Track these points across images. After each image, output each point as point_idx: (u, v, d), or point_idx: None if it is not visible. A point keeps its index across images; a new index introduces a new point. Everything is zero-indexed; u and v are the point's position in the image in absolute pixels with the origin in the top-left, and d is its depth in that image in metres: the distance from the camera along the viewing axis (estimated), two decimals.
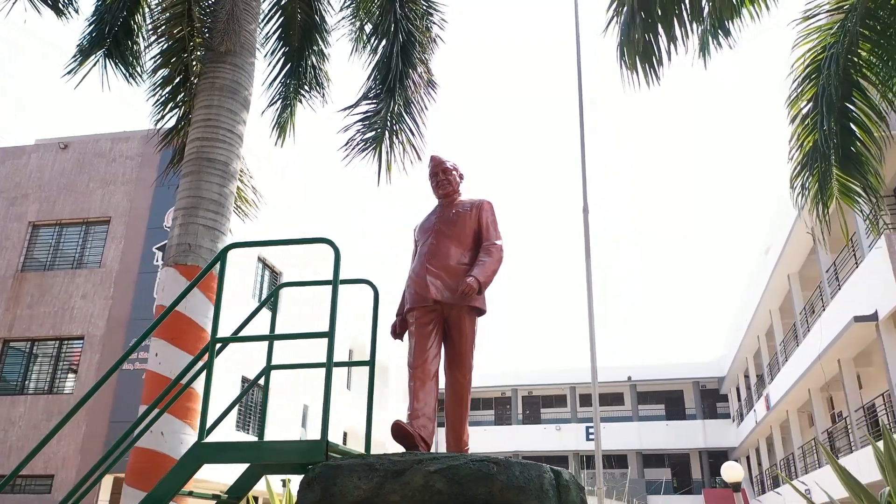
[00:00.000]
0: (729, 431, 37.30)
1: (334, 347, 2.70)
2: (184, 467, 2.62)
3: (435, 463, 2.25)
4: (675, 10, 5.44)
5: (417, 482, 2.20)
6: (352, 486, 2.25)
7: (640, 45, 5.43)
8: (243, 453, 2.66)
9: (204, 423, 2.74)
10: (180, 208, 5.84)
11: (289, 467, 2.75)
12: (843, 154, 6.71)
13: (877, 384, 17.95)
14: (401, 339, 3.84)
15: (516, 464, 2.31)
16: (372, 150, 7.71)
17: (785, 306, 23.53)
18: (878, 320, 13.86)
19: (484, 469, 2.23)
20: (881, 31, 6.65)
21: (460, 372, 3.60)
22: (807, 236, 18.26)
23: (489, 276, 3.61)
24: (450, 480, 2.19)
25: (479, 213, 3.80)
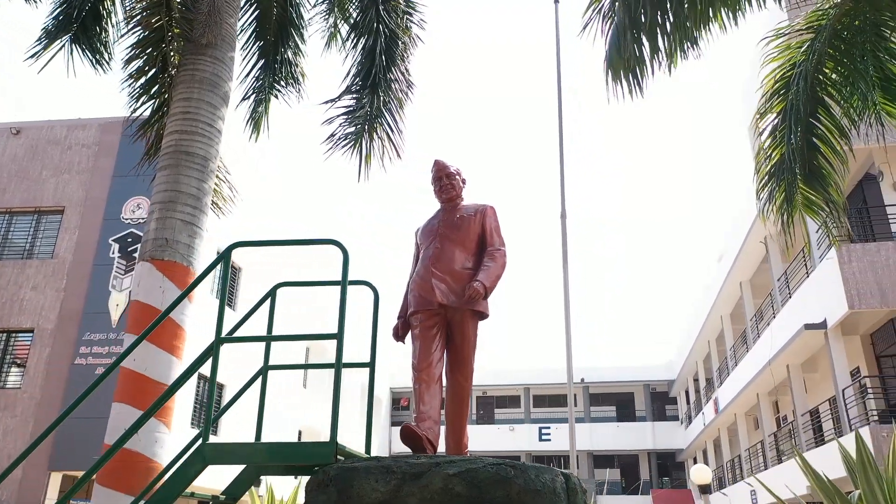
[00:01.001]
0: (677, 433, 38.17)
1: (343, 349, 2.70)
2: (189, 468, 2.59)
3: (453, 466, 2.28)
4: (660, 24, 5.58)
5: (436, 485, 2.22)
6: (369, 488, 2.26)
7: (627, 60, 5.55)
8: (250, 454, 2.64)
9: (209, 425, 2.70)
10: (157, 202, 5.73)
11: (294, 469, 2.74)
12: (807, 168, 6.96)
13: (820, 390, 18.62)
14: (402, 341, 3.86)
15: (531, 467, 2.36)
16: (352, 146, 7.70)
17: (736, 313, 24.22)
18: (826, 328, 14.40)
19: (502, 472, 2.27)
20: (845, 51, 6.92)
21: (462, 375, 3.65)
22: (759, 245, 18.88)
23: (494, 282, 3.65)
24: (469, 483, 2.23)
25: (483, 218, 3.84)
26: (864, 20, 6.83)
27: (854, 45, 6.86)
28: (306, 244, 3.07)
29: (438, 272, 3.69)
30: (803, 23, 6.93)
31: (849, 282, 13.17)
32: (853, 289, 13.13)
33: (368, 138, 7.85)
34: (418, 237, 3.98)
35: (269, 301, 3.52)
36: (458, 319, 3.68)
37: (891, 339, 15.73)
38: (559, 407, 41.91)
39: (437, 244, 3.78)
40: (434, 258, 3.75)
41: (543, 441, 39.17)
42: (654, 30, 5.58)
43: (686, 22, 5.74)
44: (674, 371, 38.10)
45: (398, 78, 7.98)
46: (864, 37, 6.89)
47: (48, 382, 15.07)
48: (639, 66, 5.67)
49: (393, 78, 7.90)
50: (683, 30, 5.88)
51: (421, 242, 3.93)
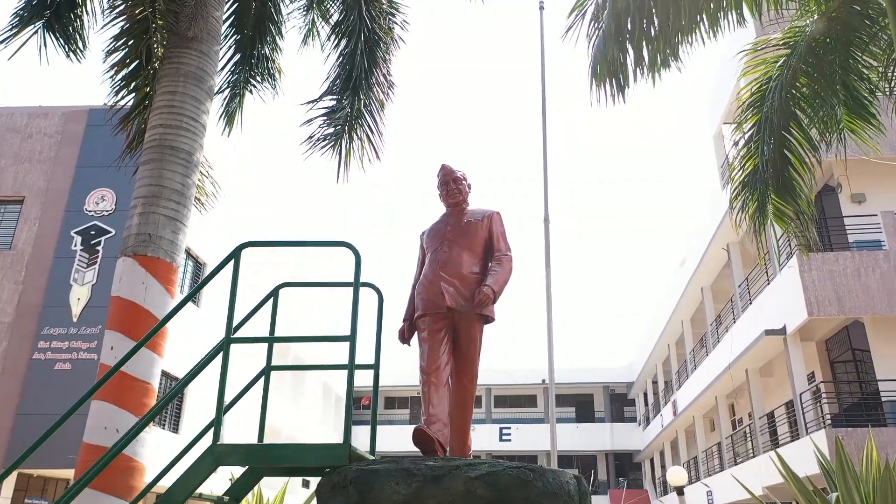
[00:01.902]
0: (634, 435, 38.82)
1: (356, 351, 2.71)
2: (199, 468, 2.57)
3: (474, 469, 2.32)
4: (645, 34, 5.70)
5: (458, 488, 2.26)
6: (390, 490, 2.28)
7: (611, 67, 5.66)
8: (261, 455, 2.63)
9: (219, 425, 2.69)
10: (140, 196, 5.64)
11: (299, 470, 2.74)
12: (779, 179, 7.17)
13: (776, 394, 19.16)
14: (409, 343, 3.88)
15: (549, 471, 2.42)
16: (332, 147, 7.67)
17: (696, 317, 24.74)
18: (786, 334, 14.83)
19: (522, 476, 2.32)
20: (817, 68, 7.15)
21: (467, 378, 3.70)
22: (722, 252, 19.33)
23: (502, 286, 3.71)
24: (491, 487, 2.27)
25: (491, 223, 3.89)
26: (836, 38, 7.08)
27: (826, 62, 7.10)
28: (317, 245, 3.07)
29: (447, 276, 3.73)
30: (780, 38, 7.14)
31: (809, 290, 13.59)
32: (813, 296, 13.56)
33: (348, 139, 7.83)
34: (424, 240, 4.01)
35: (272, 301, 3.51)
36: (465, 323, 3.73)
37: (844, 346, 16.28)
38: (520, 407, 42.28)
39: (446, 248, 3.81)
40: (442, 262, 3.78)
41: (504, 441, 39.45)
42: (640, 40, 5.70)
43: (669, 34, 5.87)
44: (633, 373, 38.74)
45: (380, 80, 7.98)
46: (834, 55, 7.14)
47: (5, 378, 14.63)
48: (622, 73, 5.79)
49: (375, 80, 7.90)
50: (666, 41, 6.01)
51: (427, 246, 3.96)
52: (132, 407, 5.08)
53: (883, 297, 13.49)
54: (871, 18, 6.98)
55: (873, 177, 14.52)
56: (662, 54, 5.91)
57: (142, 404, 5.15)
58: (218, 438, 2.64)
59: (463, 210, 3.98)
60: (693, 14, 6.30)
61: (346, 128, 7.70)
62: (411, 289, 3.96)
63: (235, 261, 2.91)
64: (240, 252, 2.92)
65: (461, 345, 3.73)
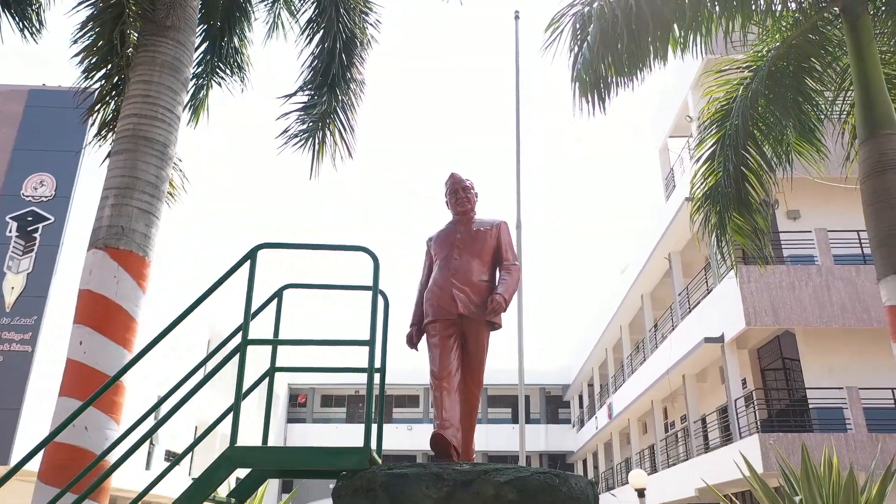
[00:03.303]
0: (568, 436, 39.65)
1: (375, 356, 2.73)
2: (217, 471, 2.54)
3: (502, 474, 2.38)
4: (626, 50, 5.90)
5: (488, 492, 2.31)
6: (420, 494, 2.32)
7: (595, 79, 5.83)
8: (280, 458, 2.62)
9: (236, 428, 2.66)
10: (112, 187, 5.47)
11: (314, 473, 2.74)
12: (738, 196, 7.50)
13: (709, 399, 19.92)
14: (416, 348, 3.92)
15: (571, 476, 2.51)
16: (305, 143, 7.63)
17: (635, 322, 25.47)
18: (724, 342, 15.46)
19: (549, 481, 2.40)
20: (774, 90, 7.51)
21: (474, 382, 3.76)
22: (664, 261, 19.97)
23: (511, 295, 3.81)
24: (520, 491, 2.34)
25: (499, 233, 3.99)
26: (793, 65, 7.46)
27: (783, 86, 7.48)
28: (334, 249, 3.06)
29: (458, 283, 3.80)
30: (742, 61, 7.47)
31: (747, 300, 14.21)
32: (751, 307, 14.18)
33: (321, 136, 7.79)
34: (432, 247, 4.06)
35: (276, 302, 3.48)
36: (474, 329, 3.81)
37: (775, 355, 17.09)
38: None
39: (456, 255, 3.88)
40: (454, 269, 3.85)
41: None
42: (620, 56, 5.90)
43: (647, 52, 6.09)
44: (569, 376, 39.55)
45: (356, 78, 7.97)
46: (790, 81, 7.53)
47: None
48: (605, 86, 5.97)
49: (351, 77, 7.88)
50: (640, 58, 6.23)
51: (436, 252, 4.00)
52: (102, 404, 4.92)
53: (815, 309, 14.22)
54: (826, 49, 7.39)
55: (808, 195, 15.28)
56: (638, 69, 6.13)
57: (112, 402, 4.99)
58: (235, 441, 2.61)
59: (471, 218, 4.06)
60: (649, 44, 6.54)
61: (321, 124, 7.65)
62: (418, 294, 4.01)
63: (251, 262, 2.88)
64: (255, 253, 2.89)
65: (469, 350, 3.80)
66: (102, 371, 4.98)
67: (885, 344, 14.32)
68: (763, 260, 7.52)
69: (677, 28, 6.19)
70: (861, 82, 6.02)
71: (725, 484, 15.44)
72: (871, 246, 5.66)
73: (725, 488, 16.46)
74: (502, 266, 3.96)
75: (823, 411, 14.30)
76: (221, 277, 3.00)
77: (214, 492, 2.54)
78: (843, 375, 14.23)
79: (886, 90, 5.98)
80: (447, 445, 3.31)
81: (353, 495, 2.46)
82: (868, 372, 14.19)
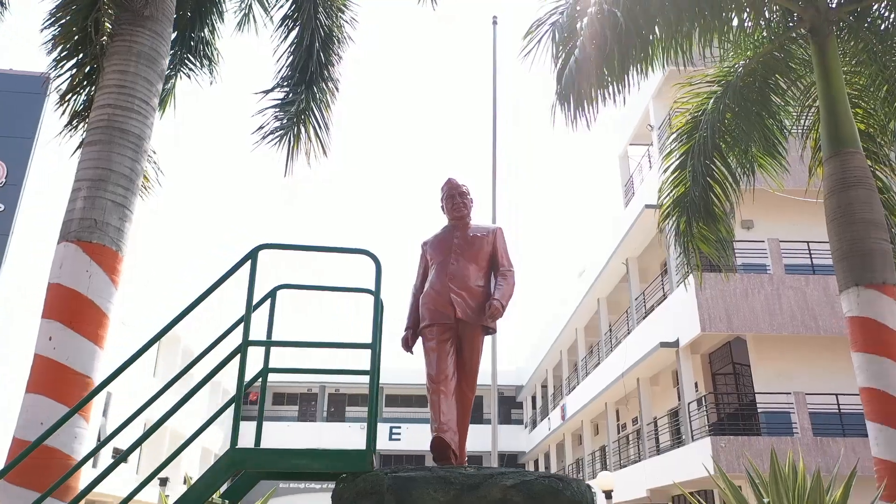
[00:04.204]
0: (521, 436, 40.03)
1: (379, 360, 2.74)
2: (217, 472, 2.51)
3: (508, 478, 2.42)
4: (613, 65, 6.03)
5: (495, 495, 2.35)
6: (428, 497, 2.34)
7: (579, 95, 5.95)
8: (281, 460, 2.60)
9: (237, 429, 2.63)
10: (85, 179, 5.34)
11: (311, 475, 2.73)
12: (704, 206, 7.72)
13: (661, 402, 20.38)
14: (411, 351, 3.94)
15: (573, 481, 2.57)
16: (280, 139, 7.55)
17: (591, 326, 25.86)
18: (678, 347, 15.85)
19: (553, 485, 2.45)
20: (741, 104, 7.75)
21: (468, 385, 3.80)
22: (621, 266, 20.35)
23: (508, 300, 3.87)
24: (526, 495, 2.38)
25: (496, 238, 4.03)
26: (760, 82, 7.72)
27: (750, 101, 7.73)
28: (336, 251, 3.06)
29: (456, 287, 3.84)
30: (713, 75, 7.68)
31: (703, 307, 14.60)
32: (706, 313, 14.57)
33: (296, 133, 7.73)
34: (428, 251, 4.07)
35: (269, 302, 3.44)
36: (470, 333, 3.86)
37: (726, 360, 17.60)
38: (411, 407, 42.60)
39: (454, 260, 3.90)
40: (452, 274, 3.88)
41: (393, 440, 39.61)
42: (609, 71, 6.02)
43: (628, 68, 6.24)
44: (523, 377, 39.94)
45: (333, 76, 7.94)
46: (756, 96, 7.79)
47: None
48: (588, 101, 6.08)
49: (328, 75, 7.84)
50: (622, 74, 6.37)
51: (432, 257, 4.02)
52: (71, 402, 4.79)
53: (766, 316, 14.70)
54: (791, 67, 7.66)
55: (761, 206, 15.78)
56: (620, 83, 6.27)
57: (80, 399, 4.87)
58: (236, 443, 2.59)
59: (467, 224, 4.10)
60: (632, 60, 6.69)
61: (296, 121, 7.59)
62: (412, 297, 4.03)
63: (252, 262, 2.85)
64: (257, 253, 2.86)
65: (465, 354, 3.84)
66: (73, 368, 4.86)
67: (831, 351, 14.94)
68: (727, 269, 7.75)
69: (657, 44, 6.35)
70: (827, 102, 6.26)
71: (677, 485, 15.83)
72: (833, 259, 5.90)
73: (677, 489, 16.89)
74: (498, 272, 4.01)
75: (771, 415, 14.79)
76: (222, 277, 2.96)
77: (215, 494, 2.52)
78: (790, 381, 14.74)
79: (850, 110, 6.24)
80: (447, 449, 3.35)
81: (358, 498, 2.47)
82: (814, 378, 14.74)
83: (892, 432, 5.07)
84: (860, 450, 13.40)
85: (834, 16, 6.67)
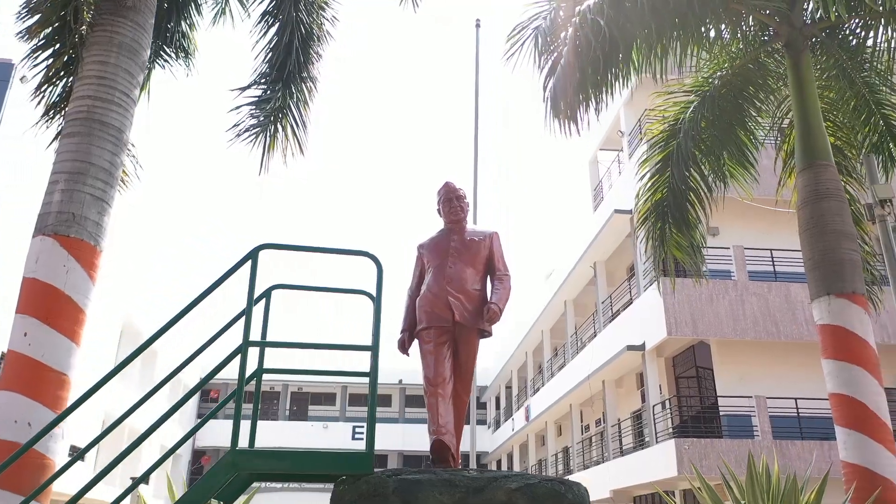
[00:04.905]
0: (484, 437, 40.19)
1: (378, 362, 2.74)
2: (217, 474, 2.48)
3: (512, 481, 2.45)
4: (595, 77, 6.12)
5: (500, 498, 2.38)
6: (434, 500, 2.36)
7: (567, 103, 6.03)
8: (283, 462, 2.58)
9: (237, 430, 2.60)
10: (63, 171, 5.22)
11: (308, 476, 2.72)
12: (679, 213, 7.87)
13: (624, 404, 20.68)
14: (408, 354, 3.94)
15: (574, 484, 2.60)
16: (255, 137, 7.47)
17: (557, 328, 26.10)
18: (645, 350, 16.11)
19: (556, 488, 2.49)
20: (716, 115, 7.93)
21: (463, 389, 3.82)
22: (589, 269, 20.59)
23: (505, 305, 3.90)
24: (530, 498, 2.41)
25: (492, 243, 4.06)
26: (734, 93, 7.90)
27: (724, 111, 7.90)
28: (338, 253, 3.04)
29: (454, 291, 3.86)
30: (690, 85, 7.84)
31: (669, 311, 14.87)
32: (672, 318, 14.85)
33: (273, 131, 7.67)
34: (424, 254, 4.08)
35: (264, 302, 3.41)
36: (466, 336, 3.89)
37: (689, 363, 17.94)
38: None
39: (451, 263, 3.92)
40: (449, 277, 3.91)
41: (356, 440, 39.45)
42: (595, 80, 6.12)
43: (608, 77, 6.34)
44: (487, 378, 40.10)
45: (312, 74, 7.89)
46: (729, 105, 7.97)
47: None
48: (574, 108, 6.17)
49: (308, 73, 7.79)
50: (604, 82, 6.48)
51: (429, 259, 4.03)
52: (47, 400, 4.69)
53: (730, 322, 15.03)
54: (765, 81, 7.85)
55: (727, 213, 16.12)
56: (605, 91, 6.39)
57: (57, 397, 4.76)
58: (237, 444, 2.56)
59: (463, 227, 4.12)
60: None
61: (273, 119, 7.52)
62: (408, 299, 4.04)
63: (253, 262, 2.83)
64: (257, 253, 2.83)
65: (461, 357, 3.87)
66: (48, 364, 4.75)
67: (791, 356, 15.35)
68: (698, 275, 7.92)
69: (638, 54, 6.46)
70: (801, 115, 6.44)
71: (642, 486, 16.11)
72: (805, 268, 6.07)
73: (641, 490, 17.17)
74: (495, 276, 4.05)
75: (733, 418, 15.12)
76: (222, 276, 2.92)
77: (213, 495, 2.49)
78: (752, 385, 15.10)
79: (823, 124, 6.42)
80: (447, 451, 3.37)
81: (361, 500, 2.47)
82: (775, 382, 15.12)
83: (860, 437, 5.25)
84: (817, 452, 13.81)
85: (809, 31, 6.87)
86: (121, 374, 26.09)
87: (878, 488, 5.05)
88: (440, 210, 4.12)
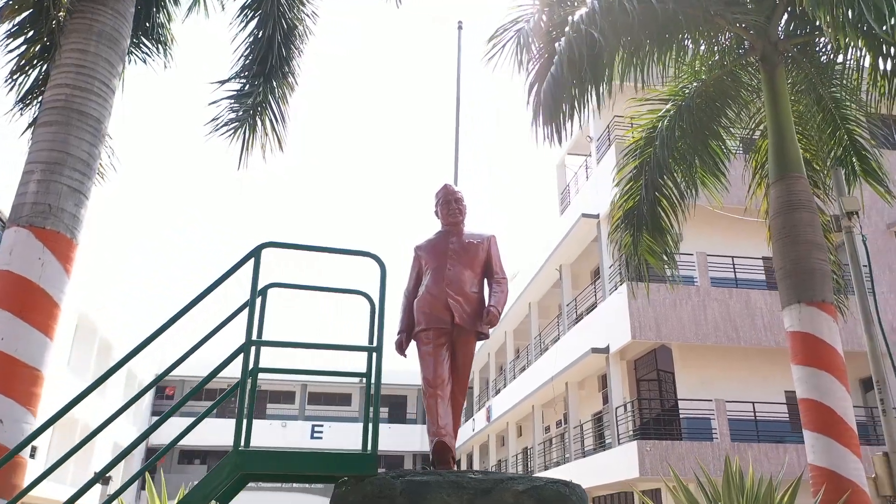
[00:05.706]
0: None
1: (382, 362, 2.73)
2: (219, 475, 2.44)
3: (518, 483, 2.47)
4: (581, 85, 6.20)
5: (507, 500, 2.40)
6: (441, 501, 2.36)
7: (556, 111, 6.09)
8: (286, 462, 2.55)
9: (240, 430, 2.56)
10: (38, 161, 5.08)
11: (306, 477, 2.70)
12: (652, 220, 8.01)
13: (586, 405, 20.96)
14: (405, 355, 3.93)
15: (577, 486, 2.64)
16: (234, 132, 7.38)
17: (520, 329, 26.30)
18: (608, 353, 16.34)
19: (561, 490, 2.53)
20: (691, 124, 8.09)
21: (460, 389, 3.84)
22: (554, 272, 20.79)
23: (503, 308, 3.92)
24: (536, 499, 2.44)
25: (490, 245, 4.08)
26: (708, 101, 8.08)
27: (699, 121, 8.08)
28: (341, 253, 3.02)
29: (453, 293, 3.87)
30: (667, 93, 7.98)
31: (634, 315, 15.11)
32: (637, 322, 15.09)
33: (252, 126, 7.58)
34: (422, 255, 4.08)
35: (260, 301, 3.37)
36: (464, 338, 3.92)
37: (651, 367, 18.26)
38: (334, 405, 42.24)
39: (450, 266, 3.93)
40: (448, 279, 3.92)
41: (315, 439, 39.17)
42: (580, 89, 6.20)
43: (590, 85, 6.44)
44: None
45: (292, 69, 7.82)
46: (703, 115, 8.15)
47: None
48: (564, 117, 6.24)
49: (288, 68, 7.72)
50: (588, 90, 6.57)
51: (426, 261, 4.03)
52: (19, 396, 4.57)
53: (692, 327, 15.35)
54: (738, 93, 8.05)
55: (691, 220, 16.50)
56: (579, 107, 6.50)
57: (30, 393, 4.64)
58: (239, 444, 2.52)
59: (461, 230, 4.13)
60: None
61: (253, 113, 7.43)
62: (405, 300, 4.04)
63: (255, 260, 2.79)
64: (260, 251, 2.80)
65: (458, 359, 3.89)
66: (22, 360, 4.63)
67: (750, 361, 15.75)
68: (671, 280, 8.06)
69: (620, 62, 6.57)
70: (775, 127, 6.62)
71: (603, 486, 16.33)
72: (777, 276, 6.24)
73: (601, 490, 17.40)
74: (492, 279, 4.09)
75: (693, 421, 15.44)
76: (223, 275, 2.87)
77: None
78: (711, 388, 15.44)
79: (796, 137, 6.61)
80: (448, 452, 3.39)
81: (366, 502, 2.46)
82: (733, 386, 15.50)
83: (828, 441, 5.42)
84: (772, 455, 14.20)
85: (783, 46, 7.06)
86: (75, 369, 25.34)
87: (845, 491, 5.23)
88: (438, 212, 4.13)
